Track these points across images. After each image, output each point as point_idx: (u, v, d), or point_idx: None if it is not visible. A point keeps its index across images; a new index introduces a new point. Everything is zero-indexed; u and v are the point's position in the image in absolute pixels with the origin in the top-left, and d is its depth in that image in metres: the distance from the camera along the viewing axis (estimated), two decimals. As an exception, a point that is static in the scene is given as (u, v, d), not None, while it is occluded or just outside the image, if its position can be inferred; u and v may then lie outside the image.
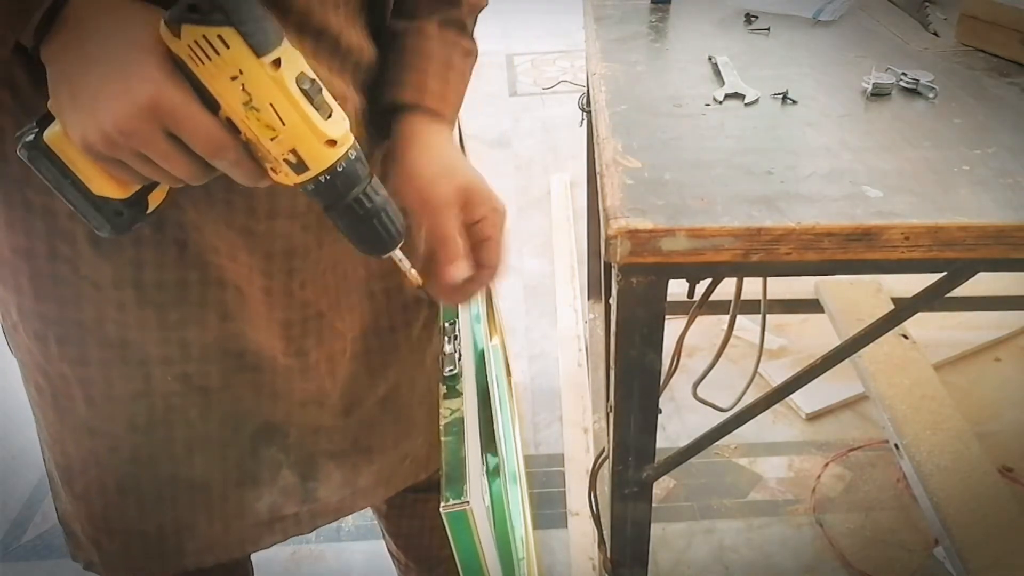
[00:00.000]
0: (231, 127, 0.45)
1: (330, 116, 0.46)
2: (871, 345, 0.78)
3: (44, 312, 0.60)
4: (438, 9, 0.67)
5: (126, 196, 0.48)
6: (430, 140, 0.61)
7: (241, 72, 0.42)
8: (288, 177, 0.47)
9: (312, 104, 0.45)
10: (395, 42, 0.65)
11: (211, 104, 0.44)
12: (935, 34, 0.97)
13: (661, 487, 1.42)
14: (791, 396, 1.58)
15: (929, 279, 0.65)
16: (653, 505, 0.77)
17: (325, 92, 0.46)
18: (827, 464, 1.48)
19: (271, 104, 0.43)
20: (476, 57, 0.70)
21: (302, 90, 0.44)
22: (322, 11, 0.56)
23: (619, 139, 0.70)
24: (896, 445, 1.26)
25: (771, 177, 0.64)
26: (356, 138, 0.49)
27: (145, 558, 0.73)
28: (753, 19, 1.05)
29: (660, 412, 0.70)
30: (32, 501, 1.48)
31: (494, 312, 1.39)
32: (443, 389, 0.66)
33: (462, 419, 0.64)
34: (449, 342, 0.66)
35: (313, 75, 0.45)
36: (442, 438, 0.64)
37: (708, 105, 0.78)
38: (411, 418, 0.81)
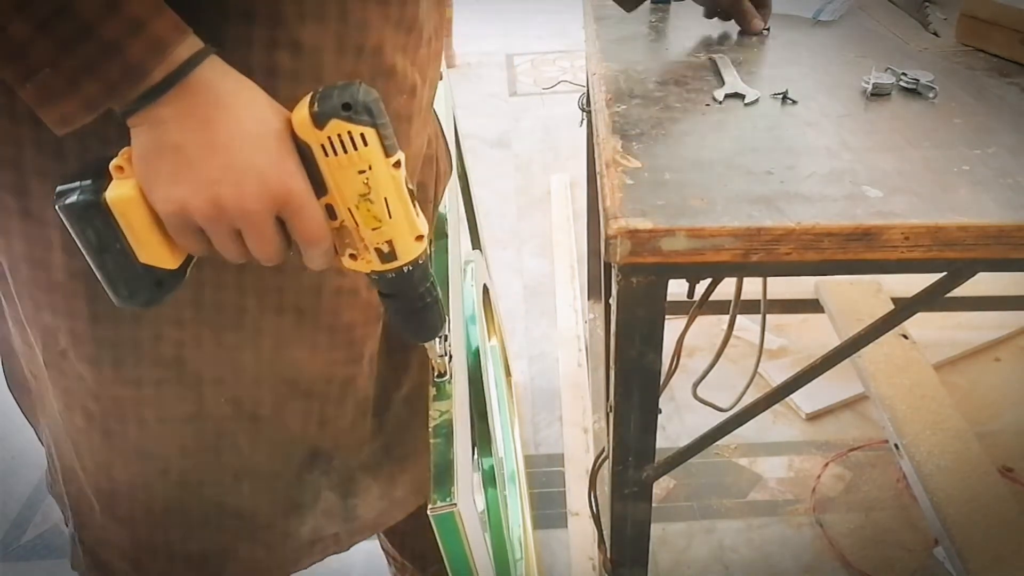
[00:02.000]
0: (328, 213, 0.48)
1: (419, 215, 0.50)
2: (871, 345, 0.78)
3: (100, 335, 0.59)
4: None
5: (175, 267, 0.49)
6: None
7: (370, 168, 0.46)
8: (370, 264, 0.50)
9: (412, 202, 0.49)
10: None
11: (319, 191, 0.47)
12: (935, 34, 0.97)
13: (661, 487, 1.42)
14: (791, 396, 1.58)
15: (929, 279, 0.65)
16: (653, 505, 0.77)
17: (415, 195, 0.50)
18: (827, 464, 1.48)
19: (385, 198, 0.47)
20: None
21: (409, 190, 0.49)
22: (392, 53, 0.58)
23: (619, 139, 0.70)
24: (896, 445, 1.26)
25: (771, 177, 0.64)
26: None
27: None
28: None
29: (660, 412, 0.70)
30: (32, 501, 1.48)
31: (492, 313, 1.39)
32: (432, 391, 0.66)
33: (451, 421, 0.64)
34: (441, 344, 0.66)
35: (410, 180, 0.50)
36: (431, 440, 0.64)
37: (708, 105, 0.78)
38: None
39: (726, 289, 0.96)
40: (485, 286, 0.93)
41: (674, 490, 1.43)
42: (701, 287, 0.73)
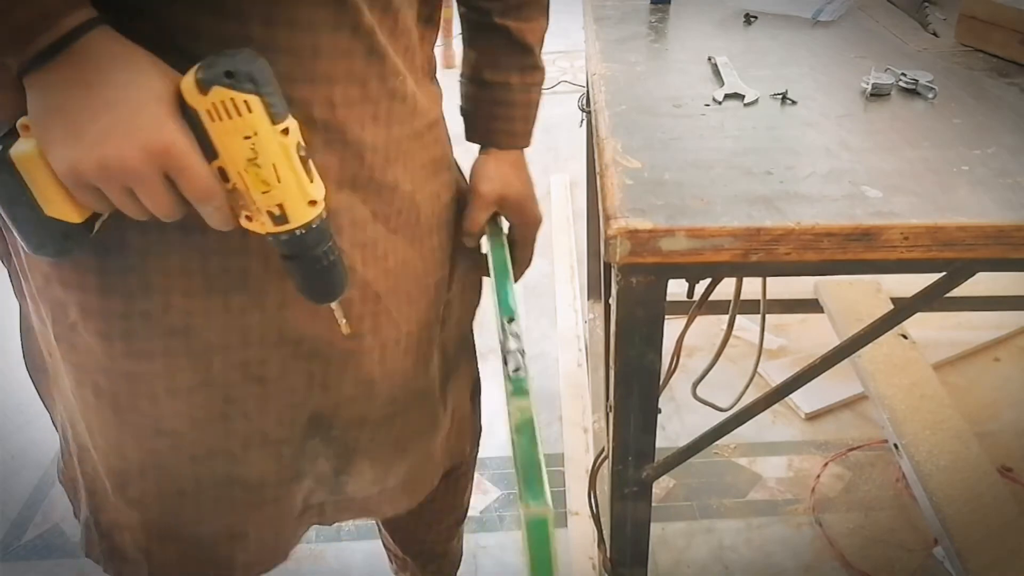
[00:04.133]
0: (221, 176, 0.50)
1: (313, 181, 0.52)
2: (870, 345, 0.78)
3: (110, 308, 0.60)
4: (514, 58, 0.76)
5: (80, 221, 0.50)
6: (512, 165, 0.80)
7: (255, 134, 0.48)
8: (264, 226, 0.52)
9: (304, 168, 0.51)
10: (484, 92, 0.77)
11: (209, 154, 0.49)
12: (935, 34, 0.98)
13: (661, 487, 1.42)
14: (791, 396, 1.58)
15: (928, 279, 0.65)
16: (653, 505, 0.77)
17: (311, 161, 0.52)
18: (826, 464, 1.48)
19: (273, 164, 0.49)
20: (544, 70, 0.79)
21: (300, 156, 0.50)
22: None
23: (619, 139, 0.71)
24: (895, 445, 1.26)
25: (770, 177, 0.64)
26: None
27: (198, 568, 0.75)
28: (753, 19, 1.05)
29: (660, 412, 0.70)
30: (32, 501, 1.48)
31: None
32: (509, 387, 0.65)
33: (532, 419, 0.63)
34: (514, 339, 0.66)
35: (305, 146, 0.51)
36: (513, 436, 0.63)
37: (708, 105, 0.78)
38: (436, 414, 0.83)
39: (726, 289, 0.96)
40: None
41: (674, 490, 1.43)
42: (701, 287, 0.73)
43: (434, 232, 0.73)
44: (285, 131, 0.49)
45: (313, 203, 0.52)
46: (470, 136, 0.81)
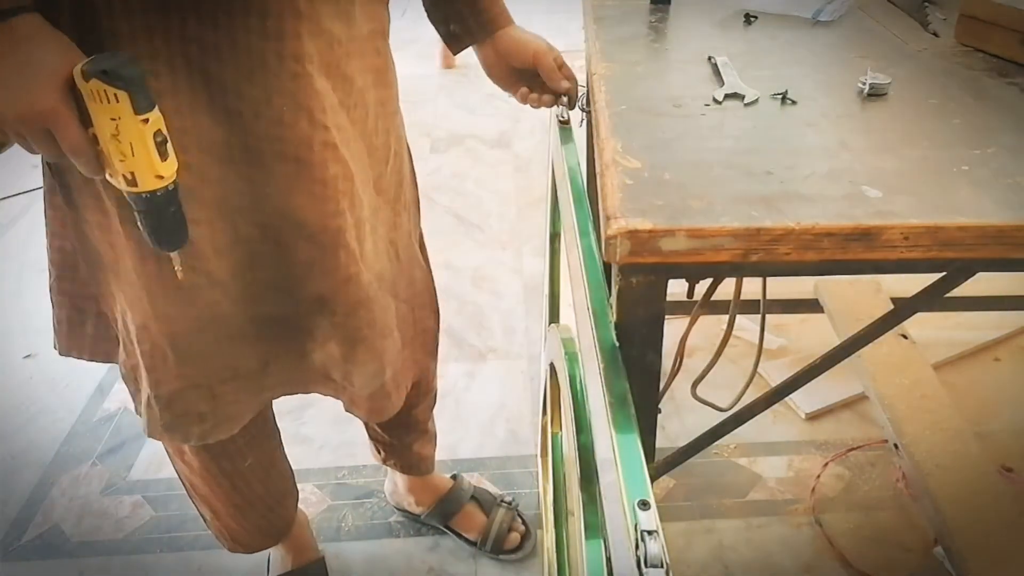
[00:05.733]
0: (93, 139, 0.65)
1: (167, 159, 0.67)
2: (870, 345, 0.78)
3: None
4: None
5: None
6: (520, 32, 1.00)
7: (120, 118, 0.63)
8: (120, 185, 0.67)
9: (158, 151, 0.66)
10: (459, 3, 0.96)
11: (86, 122, 0.64)
12: (934, 34, 0.98)
13: (661, 487, 1.43)
14: (791, 396, 1.58)
15: (928, 279, 0.65)
16: (653, 505, 0.77)
17: (170, 145, 0.67)
18: (826, 464, 1.48)
19: (131, 143, 0.64)
20: None
21: (156, 141, 0.65)
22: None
23: (619, 139, 0.71)
24: (895, 445, 1.26)
25: (770, 177, 0.64)
26: None
27: (246, 394, 0.92)
28: (753, 19, 1.05)
29: (660, 412, 0.70)
30: (32, 501, 1.48)
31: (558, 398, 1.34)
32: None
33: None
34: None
35: (166, 134, 0.66)
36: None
37: (708, 105, 0.78)
38: (403, 308, 0.99)
39: (726, 289, 0.96)
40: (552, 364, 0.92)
41: (674, 490, 1.43)
42: (701, 287, 0.73)
43: (379, 134, 0.88)
44: (146, 120, 0.64)
45: (160, 177, 0.67)
46: (470, 39, 0.99)
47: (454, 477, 1.41)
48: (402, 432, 1.26)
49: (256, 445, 1.07)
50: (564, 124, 0.99)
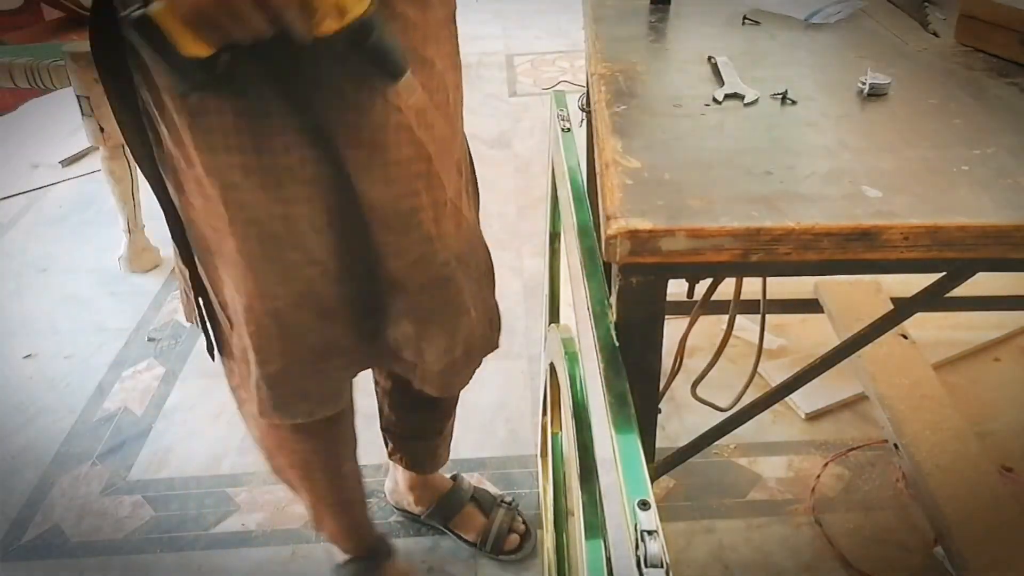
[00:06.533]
0: None
1: None
2: (871, 345, 0.78)
3: (264, 164, 0.77)
4: None
5: (207, 55, 0.65)
6: None
7: None
8: (329, 25, 0.66)
9: None
10: None
11: None
12: (934, 34, 0.98)
13: (661, 487, 1.43)
14: (790, 396, 1.58)
15: (929, 279, 0.65)
16: (653, 505, 0.77)
17: None
18: (826, 464, 1.48)
19: None
20: None
21: None
22: None
23: (619, 139, 0.71)
24: (896, 445, 1.26)
25: (770, 177, 0.64)
26: None
27: (342, 371, 0.96)
28: (752, 20, 1.05)
29: (660, 412, 0.70)
30: (32, 501, 1.48)
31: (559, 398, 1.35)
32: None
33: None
34: None
35: None
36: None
37: (708, 105, 0.78)
38: (473, 286, 0.99)
39: (726, 289, 0.96)
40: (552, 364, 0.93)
41: (674, 490, 1.43)
42: (701, 287, 0.73)
43: (458, 117, 0.90)
44: None
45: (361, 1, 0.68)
46: None
47: (454, 477, 1.41)
48: (426, 418, 1.27)
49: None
50: (564, 124, 0.99)
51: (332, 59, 0.74)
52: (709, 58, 0.90)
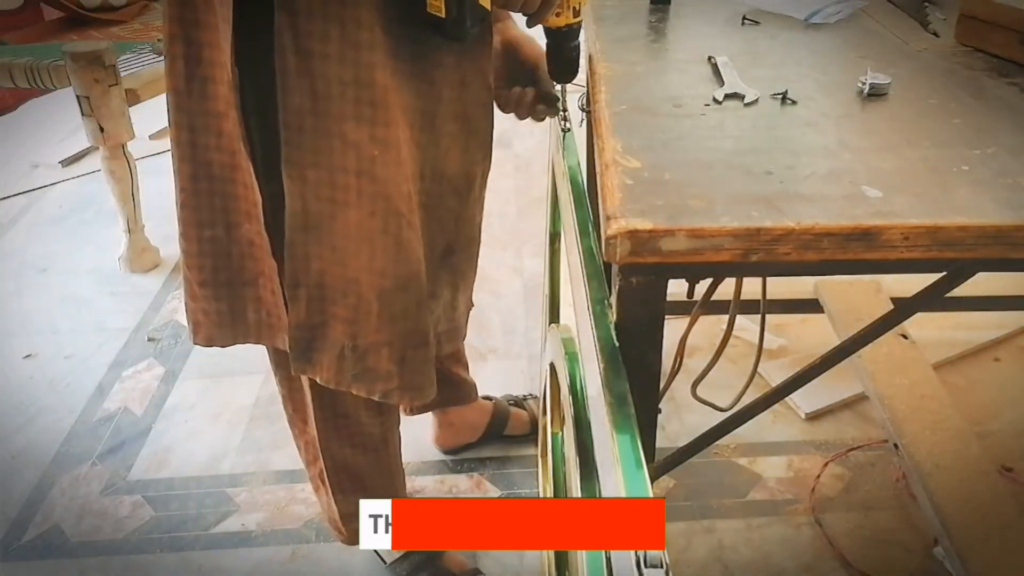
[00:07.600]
0: None
1: None
2: (870, 345, 0.78)
3: (378, 135, 0.81)
4: None
5: (444, 15, 0.74)
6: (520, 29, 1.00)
7: None
8: (565, 19, 0.81)
9: None
10: None
11: None
12: (935, 34, 0.98)
13: (661, 487, 1.43)
14: (791, 396, 1.58)
15: (929, 279, 0.65)
16: (653, 505, 0.77)
17: None
18: (826, 464, 1.48)
19: None
20: None
21: None
22: None
23: (619, 139, 0.71)
24: (896, 445, 1.26)
25: (770, 177, 0.64)
26: None
27: (429, 365, 0.96)
28: (752, 20, 1.05)
29: (660, 412, 0.70)
30: (32, 501, 1.48)
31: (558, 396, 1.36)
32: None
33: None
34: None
35: None
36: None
37: (708, 105, 0.78)
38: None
39: (726, 289, 0.96)
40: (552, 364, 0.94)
41: (674, 490, 1.43)
42: (701, 287, 0.73)
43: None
44: None
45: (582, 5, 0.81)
46: None
47: (487, 398, 1.55)
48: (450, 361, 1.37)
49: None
50: (564, 124, 0.99)
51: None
52: (709, 58, 0.90)
